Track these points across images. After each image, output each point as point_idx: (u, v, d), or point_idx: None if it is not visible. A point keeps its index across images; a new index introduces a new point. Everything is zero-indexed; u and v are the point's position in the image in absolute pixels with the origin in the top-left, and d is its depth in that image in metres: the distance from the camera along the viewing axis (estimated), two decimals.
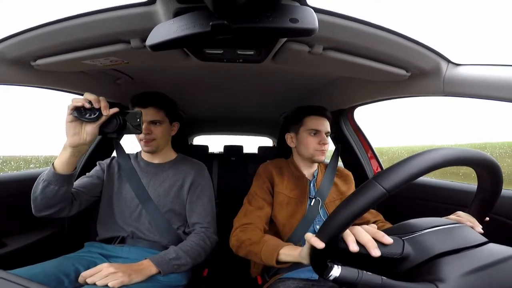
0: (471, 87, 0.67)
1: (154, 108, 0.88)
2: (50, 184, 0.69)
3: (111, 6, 0.52)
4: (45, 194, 0.70)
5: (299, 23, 0.38)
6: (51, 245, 1.05)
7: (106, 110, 0.65)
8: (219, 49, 0.61)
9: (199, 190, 0.93)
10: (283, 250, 0.67)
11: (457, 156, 0.40)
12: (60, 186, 0.70)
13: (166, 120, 0.92)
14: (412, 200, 1.09)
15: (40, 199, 0.70)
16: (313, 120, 0.92)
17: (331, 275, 0.38)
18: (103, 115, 0.65)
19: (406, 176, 0.37)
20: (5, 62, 0.69)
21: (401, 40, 0.61)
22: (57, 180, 0.69)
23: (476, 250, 0.39)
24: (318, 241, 0.41)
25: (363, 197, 0.37)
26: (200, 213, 0.90)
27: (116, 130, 0.68)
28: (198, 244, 0.83)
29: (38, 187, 0.70)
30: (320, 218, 0.88)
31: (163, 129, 0.91)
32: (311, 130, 0.91)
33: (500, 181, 0.48)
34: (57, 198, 0.71)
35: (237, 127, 2.27)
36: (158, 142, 0.90)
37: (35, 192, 0.71)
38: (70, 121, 0.65)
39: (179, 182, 0.92)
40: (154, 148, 0.91)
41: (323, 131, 0.91)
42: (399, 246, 0.41)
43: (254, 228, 0.82)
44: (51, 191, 0.70)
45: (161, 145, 0.92)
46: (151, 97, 0.89)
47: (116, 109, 0.67)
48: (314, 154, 0.90)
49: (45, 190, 0.69)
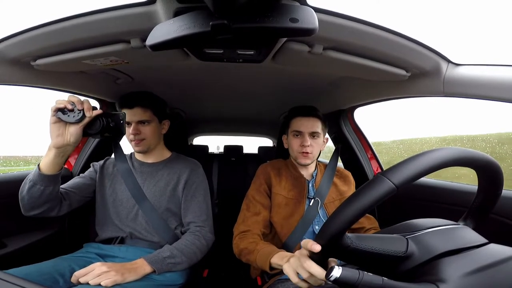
0: (471, 87, 0.67)
1: (140, 108, 0.88)
2: (36, 184, 0.70)
3: (111, 6, 0.52)
4: (31, 194, 0.71)
5: (299, 23, 0.38)
6: (51, 245, 1.04)
7: (89, 111, 0.67)
8: (219, 49, 0.61)
9: (193, 189, 0.92)
10: (273, 259, 0.68)
11: (465, 156, 0.40)
12: (46, 186, 0.70)
13: (155, 119, 0.92)
14: (414, 201, 1.08)
15: (27, 199, 0.71)
16: (297, 122, 0.90)
17: (331, 275, 0.38)
18: (86, 117, 0.67)
19: (415, 172, 0.37)
20: (5, 62, 0.69)
21: (401, 40, 0.61)
22: (42, 180, 0.70)
23: (477, 251, 0.39)
24: (315, 244, 0.41)
25: (371, 191, 0.37)
26: (195, 212, 0.90)
27: (99, 131, 0.69)
28: (193, 243, 0.82)
29: (24, 187, 0.71)
30: (320, 219, 0.88)
31: (152, 128, 0.91)
32: (294, 132, 0.90)
33: (501, 183, 0.48)
34: (44, 198, 0.72)
35: (237, 127, 2.27)
36: (148, 141, 0.90)
37: (22, 192, 0.72)
38: (53, 122, 0.66)
39: (174, 181, 0.92)
40: (145, 148, 0.91)
41: (306, 132, 0.88)
42: (403, 245, 0.41)
43: (251, 235, 0.83)
44: (37, 191, 0.70)
45: (152, 144, 0.92)
46: (137, 97, 0.89)
47: (99, 110, 0.69)
48: (297, 157, 0.89)
49: (31, 190, 0.70)
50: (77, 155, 1.23)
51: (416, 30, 26.77)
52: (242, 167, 2.04)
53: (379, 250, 0.40)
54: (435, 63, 0.70)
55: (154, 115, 0.91)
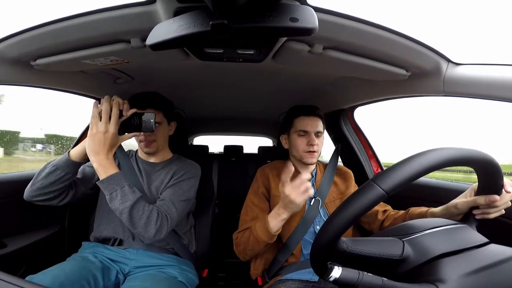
0: (471, 87, 0.67)
1: (152, 109, 0.87)
2: (58, 169, 0.75)
3: (111, 6, 0.52)
4: (49, 178, 0.74)
5: (299, 22, 0.38)
6: (51, 245, 1.05)
7: (127, 111, 0.73)
8: (219, 49, 0.61)
9: (177, 179, 0.88)
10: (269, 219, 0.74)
11: (457, 156, 0.40)
12: (67, 173, 0.75)
13: (165, 121, 0.92)
14: (412, 200, 1.08)
15: (41, 183, 0.75)
16: (301, 121, 0.90)
17: (331, 276, 0.38)
18: (124, 115, 0.73)
19: (405, 178, 0.37)
20: (5, 62, 0.69)
21: (401, 39, 0.61)
22: (68, 166, 0.75)
23: (477, 251, 0.39)
24: None
25: (361, 199, 0.37)
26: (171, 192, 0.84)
27: (133, 129, 0.76)
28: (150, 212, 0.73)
29: (43, 172, 0.75)
30: (321, 218, 0.88)
31: (163, 129, 0.91)
32: (299, 131, 0.89)
33: (500, 180, 0.48)
34: (57, 185, 0.76)
35: (237, 127, 2.27)
36: (158, 143, 0.91)
37: (37, 176, 0.75)
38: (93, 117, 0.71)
39: (167, 179, 0.90)
40: (154, 149, 0.91)
41: (312, 132, 0.88)
42: (399, 248, 0.41)
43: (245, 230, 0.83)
44: (56, 176, 0.75)
45: (160, 145, 0.93)
46: (149, 98, 0.88)
47: (134, 109, 0.75)
48: (303, 156, 0.89)
49: (50, 174, 0.74)
50: None
51: (416, 30, 26.78)
52: (242, 167, 2.04)
53: (374, 254, 0.40)
54: (435, 63, 0.70)
55: (164, 117, 0.91)
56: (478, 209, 0.55)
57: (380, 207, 0.90)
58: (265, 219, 0.75)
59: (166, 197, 0.83)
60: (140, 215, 0.71)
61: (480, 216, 0.55)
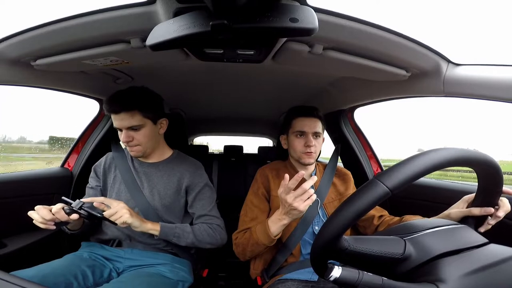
0: (471, 87, 0.67)
1: (126, 113, 0.79)
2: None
3: (111, 6, 0.52)
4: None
5: (299, 22, 0.38)
6: (51, 245, 1.05)
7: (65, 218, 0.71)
8: (219, 49, 0.61)
9: (196, 192, 0.91)
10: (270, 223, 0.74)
11: (459, 156, 0.40)
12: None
13: (147, 122, 0.83)
14: (413, 201, 1.08)
15: None
16: (299, 122, 0.90)
17: (331, 275, 0.38)
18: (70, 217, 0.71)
19: (409, 175, 0.37)
20: (5, 62, 0.69)
21: (401, 40, 0.61)
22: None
23: (477, 251, 0.39)
24: None
25: (365, 195, 0.37)
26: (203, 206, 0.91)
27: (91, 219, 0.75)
28: (205, 229, 0.87)
29: None
30: (319, 219, 0.88)
31: (146, 131, 0.83)
32: (297, 132, 0.89)
33: (500, 181, 0.48)
34: None
35: (237, 127, 2.27)
36: (143, 147, 0.85)
37: None
38: None
39: (174, 184, 0.89)
40: (140, 153, 0.86)
41: (310, 132, 0.88)
42: (401, 246, 0.41)
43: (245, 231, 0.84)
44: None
45: (148, 148, 0.87)
46: (121, 100, 0.79)
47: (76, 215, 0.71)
48: (301, 157, 0.89)
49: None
50: (77, 155, 1.23)
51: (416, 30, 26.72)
52: (242, 167, 2.04)
53: (376, 252, 0.40)
54: (435, 63, 0.70)
55: (145, 118, 0.82)
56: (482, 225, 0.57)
57: (377, 212, 0.91)
58: (265, 223, 0.74)
59: (202, 212, 0.91)
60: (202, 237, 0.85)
61: (484, 229, 0.57)
